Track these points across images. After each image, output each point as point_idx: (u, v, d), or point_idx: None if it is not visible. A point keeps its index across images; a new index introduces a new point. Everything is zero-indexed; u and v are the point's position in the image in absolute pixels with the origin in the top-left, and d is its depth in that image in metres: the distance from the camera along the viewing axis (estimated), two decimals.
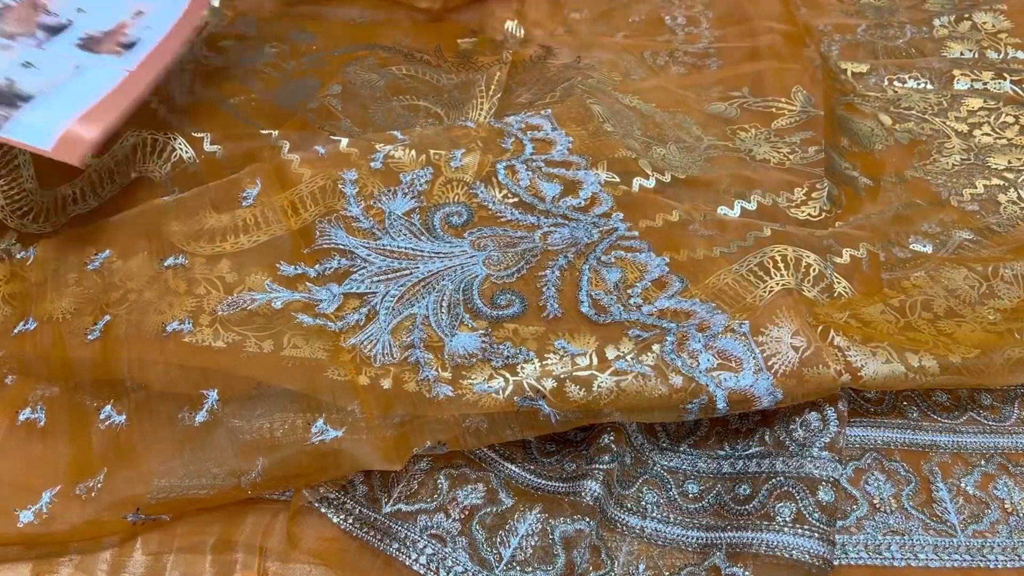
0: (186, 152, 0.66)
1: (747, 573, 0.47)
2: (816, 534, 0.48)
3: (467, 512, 0.50)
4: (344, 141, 0.66)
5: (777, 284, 0.57)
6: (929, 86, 0.80)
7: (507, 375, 0.51)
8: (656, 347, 0.52)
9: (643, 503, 0.52)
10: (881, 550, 0.51)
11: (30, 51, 0.61)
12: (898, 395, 0.58)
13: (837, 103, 0.77)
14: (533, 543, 0.49)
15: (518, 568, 0.48)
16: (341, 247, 0.59)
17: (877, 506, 0.53)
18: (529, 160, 0.67)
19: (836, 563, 0.49)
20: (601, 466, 0.51)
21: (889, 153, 0.73)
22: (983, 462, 0.55)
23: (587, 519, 0.49)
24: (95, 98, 0.58)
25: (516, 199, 0.64)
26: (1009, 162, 0.72)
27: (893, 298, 0.58)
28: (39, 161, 0.66)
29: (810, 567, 0.47)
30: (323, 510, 0.51)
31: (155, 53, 0.64)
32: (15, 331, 0.57)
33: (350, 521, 0.50)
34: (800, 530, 0.48)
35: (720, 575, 0.48)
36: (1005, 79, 0.79)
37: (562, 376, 0.51)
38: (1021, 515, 0.53)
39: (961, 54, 0.83)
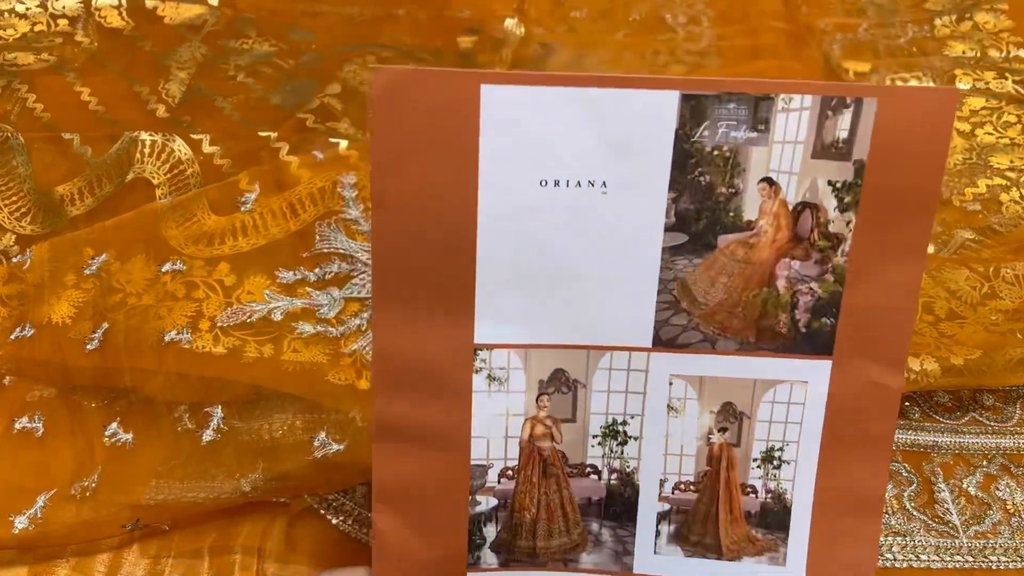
0: (184, 153, 0.66)
1: None
2: None
3: None
4: (343, 143, 0.65)
5: None
6: (931, 85, 0.80)
7: None
8: None
9: None
10: (883, 551, 0.51)
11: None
12: None
13: None
14: None
15: None
16: (341, 251, 0.58)
17: None
18: None
19: None
20: None
21: None
22: (985, 463, 0.55)
23: None
24: None
25: None
26: (1011, 161, 0.71)
27: None
28: (37, 161, 0.66)
29: None
30: (322, 512, 0.50)
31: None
32: (13, 336, 0.57)
33: (349, 523, 0.50)
34: None
35: None
36: (1007, 78, 0.79)
37: None
38: (1023, 516, 0.52)
39: (963, 53, 0.83)
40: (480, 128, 0.31)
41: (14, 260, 0.61)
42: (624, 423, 0.35)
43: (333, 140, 0.66)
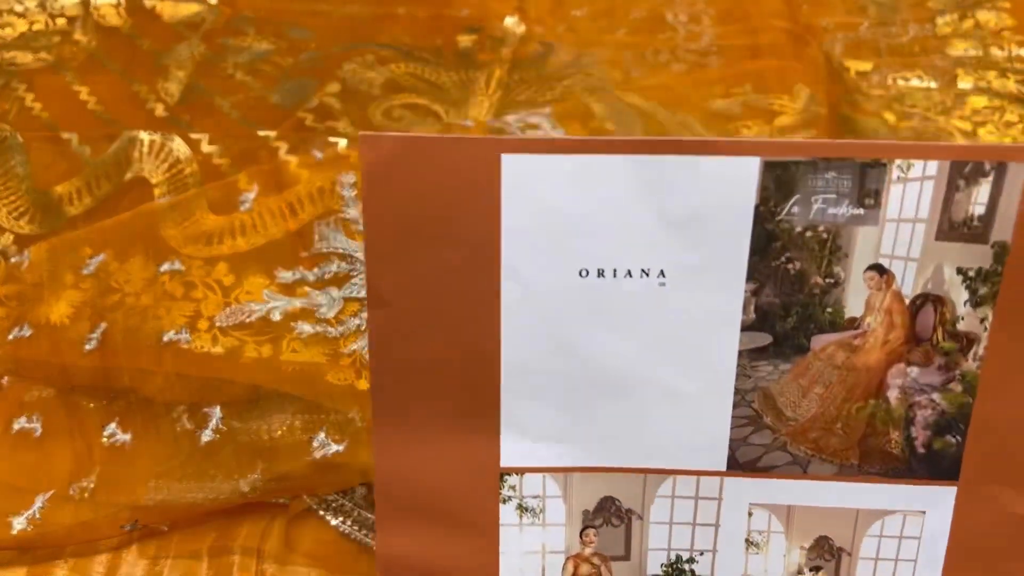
0: (183, 152, 0.66)
1: None
2: None
3: None
4: (343, 142, 0.65)
5: None
6: (933, 84, 0.79)
7: None
8: None
9: None
10: None
11: None
12: None
13: (840, 101, 0.77)
14: None
15: None
16: (340, 251, 0.58)
17: None
18: None
19: None
20: None
21: None
22: None
23: None
24: None
25: None
26: None
27: None
28: (35, 161, 0.66)
29: None
30: (321, 512, 0.50)
31: None
32: (11, 336, 0.57)
33: (348, 523, 0.50)
34: None
35: None
36: (1008, 78, 0.79)
37: None
38: None
39: (965, 52, 0.83)
40: (501, 207, 0.25)
41: (12, 260, 0.61)
42: (691, 560, 0.28)
43: (332, 139, 0.66)
